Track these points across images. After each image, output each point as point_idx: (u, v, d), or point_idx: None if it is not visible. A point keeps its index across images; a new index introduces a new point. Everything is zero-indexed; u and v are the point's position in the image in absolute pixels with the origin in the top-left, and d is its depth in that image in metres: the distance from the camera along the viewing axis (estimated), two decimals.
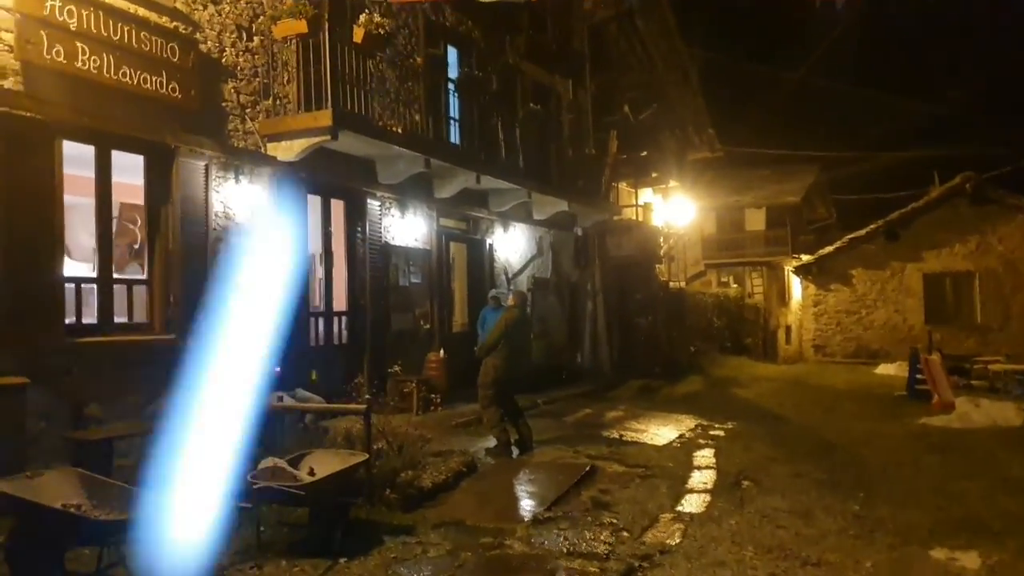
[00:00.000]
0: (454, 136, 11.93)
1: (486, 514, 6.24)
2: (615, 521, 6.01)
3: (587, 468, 7.73)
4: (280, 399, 6.91)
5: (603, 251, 17.09)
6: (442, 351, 10.88)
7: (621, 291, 17.61)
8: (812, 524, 6.01)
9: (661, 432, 10.21)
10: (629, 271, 17.63)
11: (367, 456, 5.76)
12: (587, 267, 16.79)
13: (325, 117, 8.20)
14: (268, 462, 5.32)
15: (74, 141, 6.52)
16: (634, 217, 18.85)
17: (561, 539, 5.56)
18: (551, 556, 5.20)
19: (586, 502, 6.61)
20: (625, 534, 5.71)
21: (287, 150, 8.52)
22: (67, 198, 6.60)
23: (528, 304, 13.91)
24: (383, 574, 4.85)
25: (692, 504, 6.68)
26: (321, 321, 9.50)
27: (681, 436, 10.02)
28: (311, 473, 5.59)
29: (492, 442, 8.35)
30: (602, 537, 5.59)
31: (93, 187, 6.95)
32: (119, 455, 6.77)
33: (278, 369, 7.71)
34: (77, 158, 6.73)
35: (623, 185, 19.02)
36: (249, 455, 5.78)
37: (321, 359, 9.12)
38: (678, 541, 5.60)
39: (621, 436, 9.83)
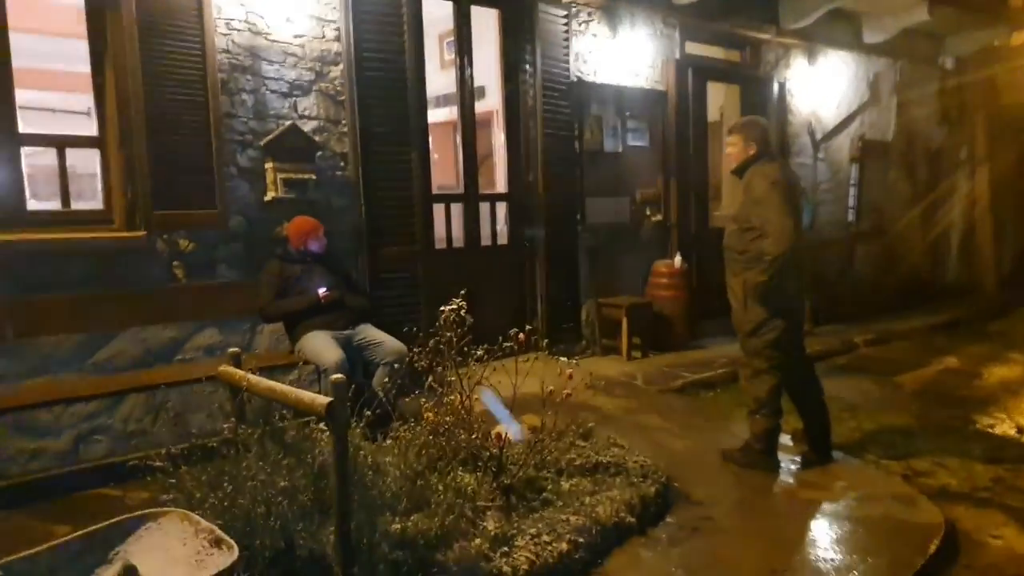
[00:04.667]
0: None
1: None
2: None
3: (935, 539, 3.26)
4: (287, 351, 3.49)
5: (991, 96, 10.83)
6: (678, 258, 6.65)
7: (1022, 162, 11.25)
8: None
9: None
10: None
11: (234, 559, 2.12)
12: (960, 123, 10.76)
13: None
14: None
15: None
16: None
17: None
18: None
19: None
20: None
21: None
22: None
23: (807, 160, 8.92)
24: None
25: None
26: (455, 210, 5.85)
27: None
28: None
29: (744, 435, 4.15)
30: None
31: None
32: (38, 433, 4.04)
33: (323, 291, 4.36)
34: None
35: None
36: None
37: (453, 270, 5.55)
38: None
39: (1022, 429, 4.90)
